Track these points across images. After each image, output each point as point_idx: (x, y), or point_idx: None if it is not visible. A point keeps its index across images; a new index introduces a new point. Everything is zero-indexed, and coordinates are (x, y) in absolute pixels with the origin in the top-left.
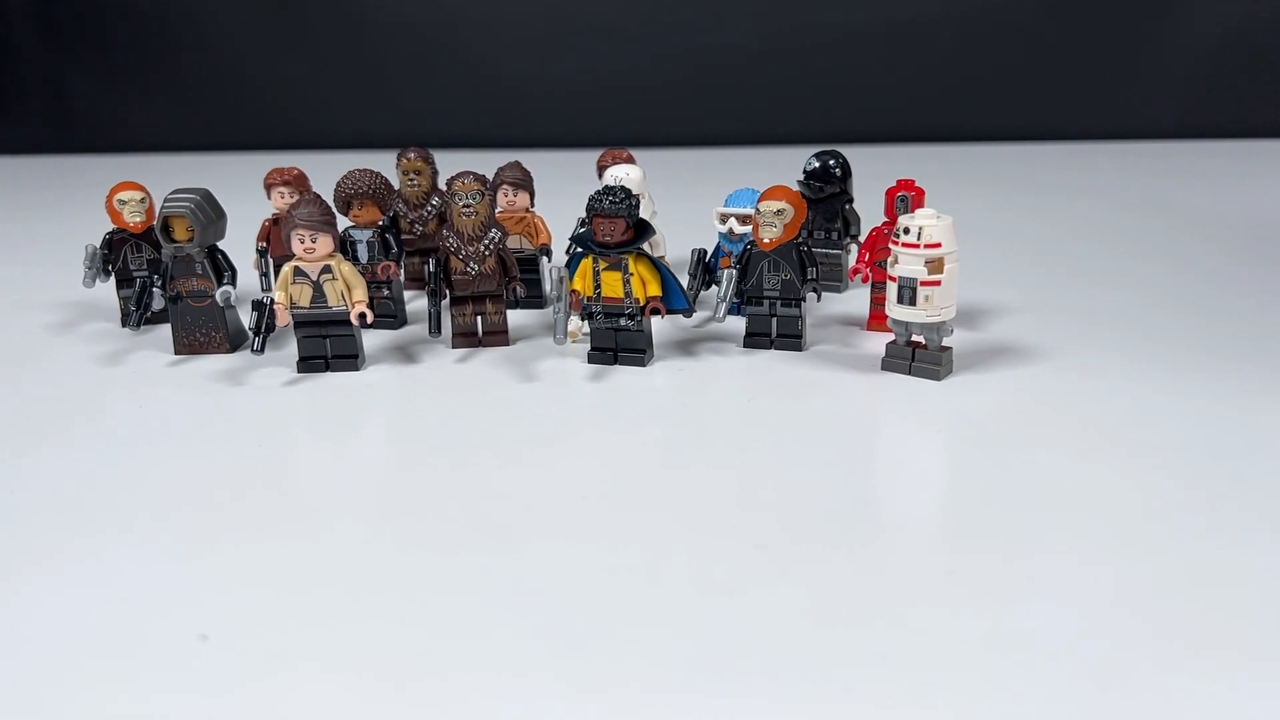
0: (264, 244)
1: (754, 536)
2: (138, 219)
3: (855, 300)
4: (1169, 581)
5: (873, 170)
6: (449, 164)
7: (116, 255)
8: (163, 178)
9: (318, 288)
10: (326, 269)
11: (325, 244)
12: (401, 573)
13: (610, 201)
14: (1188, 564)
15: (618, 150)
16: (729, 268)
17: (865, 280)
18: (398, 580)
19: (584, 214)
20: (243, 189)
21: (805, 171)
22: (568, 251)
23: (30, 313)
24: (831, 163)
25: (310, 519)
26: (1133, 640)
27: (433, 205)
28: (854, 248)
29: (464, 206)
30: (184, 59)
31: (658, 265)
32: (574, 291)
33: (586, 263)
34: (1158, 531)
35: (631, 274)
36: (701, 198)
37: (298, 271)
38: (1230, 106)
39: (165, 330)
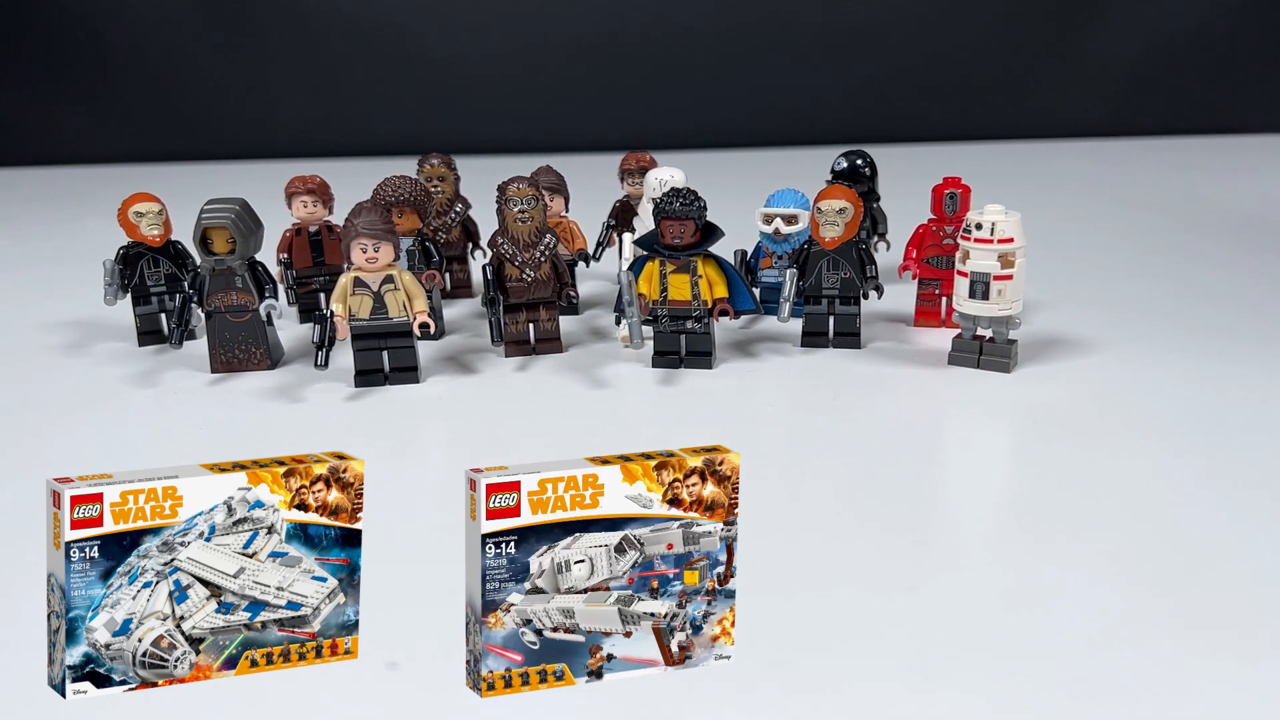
0: (285, 255)
1: (905, 533)
2: (156, 232)
3: (892, 297)
4: None
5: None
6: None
7: (132, 270)
8: (111, 190)
9: (379, 298)
10: (388, 279)
11: (387, 253)
12: None
13: (681, 203)
14: None
15: (640, 154)
16: (771, 268)
17: (915, 276)
18: None
19: (608, 218)
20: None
21: (834, 171)
22: (596, 256)
23: (27, 334)
24: (860, 162)
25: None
26: None
27: (456, 212)
28: (882, 246)
29: (519, 212)
30: (114, 66)
31: (724, 266)
32: (641, 295)
33: (651, 266)
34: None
35: (700, 276)
36: (725, 202)
37: (357, 282)
38: (1214, 104)
39: (191, 347)
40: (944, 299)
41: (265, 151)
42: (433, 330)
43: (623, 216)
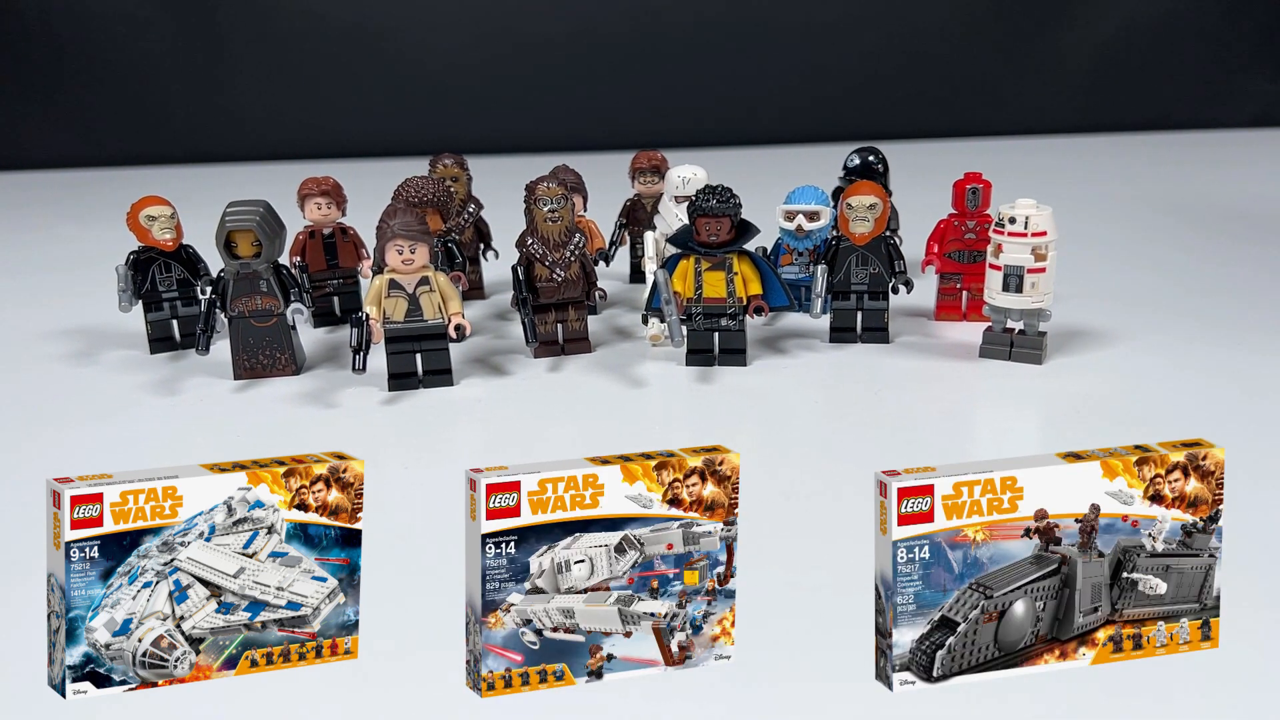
0: (299, 258)
1: None
2: (168, 236)
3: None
4: None
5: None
6: (405, 170)
7: (144, 276)
8: (86, 196)
9: (413, 300)
10: (424, 280)
11: (423, 254)
12: None
13: (717, 201)
14: None
15: (652, 152)
16: (791, 264)
17: (939, 271)
18: None
19: (619, 217)
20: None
21: (846, 168)
22: (611, 255)
23: (30, 343)
24: (872, 158)
25: None
26: None
27: (469, 213)
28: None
29: (549, 211)
30: (81, 68)
31: (758, 262)
32: (677, 293)
33: (685, 264)
34: None
35: (735, 273)
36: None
37: (392, 284)
38: (1183, 100)
39: (207, 354)
40: (965, 293)
41: (257, 154)
42: (468, 332)
43: (633, 215)
